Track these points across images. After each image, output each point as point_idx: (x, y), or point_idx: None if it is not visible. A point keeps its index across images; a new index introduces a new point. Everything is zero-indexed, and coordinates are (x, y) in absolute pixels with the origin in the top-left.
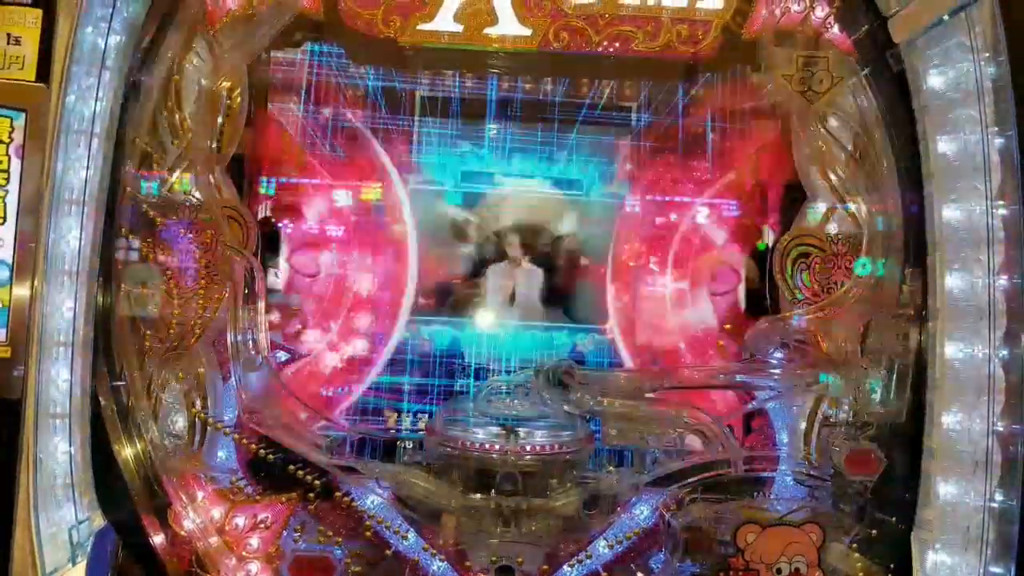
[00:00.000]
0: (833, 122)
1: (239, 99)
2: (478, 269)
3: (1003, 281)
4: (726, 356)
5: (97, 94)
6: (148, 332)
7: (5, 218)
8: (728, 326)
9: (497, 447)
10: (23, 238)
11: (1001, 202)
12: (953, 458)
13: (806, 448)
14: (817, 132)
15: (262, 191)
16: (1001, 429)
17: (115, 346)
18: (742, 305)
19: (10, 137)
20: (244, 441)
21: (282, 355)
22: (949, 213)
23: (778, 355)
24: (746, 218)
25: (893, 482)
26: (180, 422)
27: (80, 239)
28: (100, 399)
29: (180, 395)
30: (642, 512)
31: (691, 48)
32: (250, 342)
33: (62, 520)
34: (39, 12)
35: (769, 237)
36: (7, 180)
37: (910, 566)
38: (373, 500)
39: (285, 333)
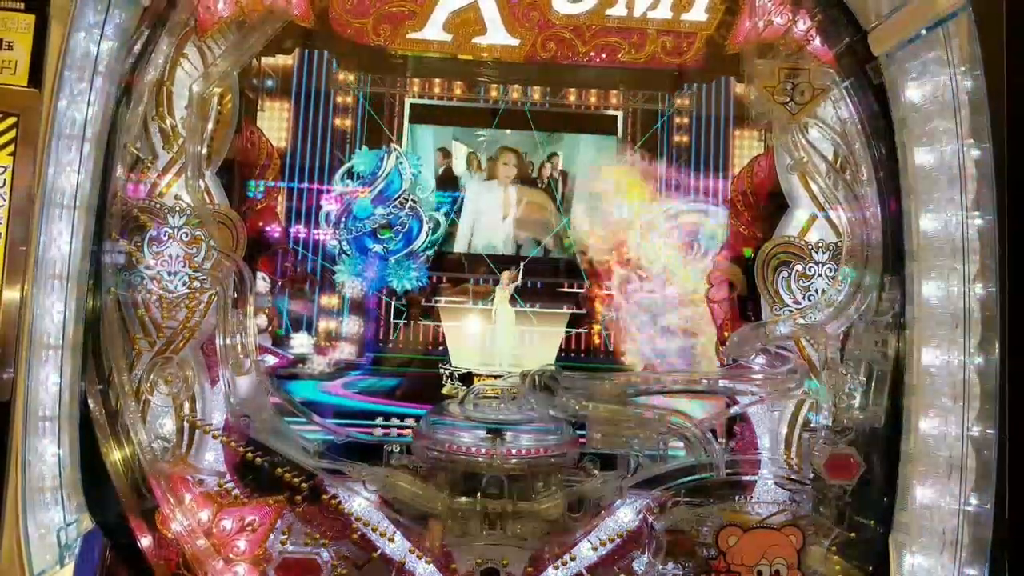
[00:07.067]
0: (814, 133)
1: (229, 105)
2: None
3: (978, 290)
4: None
5: (89, 99)
6: (137, 336)
7: None
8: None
9: (483, 450)
10: (13, 241)
11: (977, 212)
12: (930, 463)
13: (787, 452)
14: (798, 142)
15: (250, 195)
16: (976, 434)
17: (104, 349)
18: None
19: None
20: (232, 444)
21: (270, 358)
22: (926, 223)
23: (760, 361)
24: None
25: (871, 486)
26: (168, 425)
27: (70, 243)
28: (89, 402)
29: (169, 398)
30: (626, 515)
31: (676, 59)
32: (239, 346)
33: (50, 522)
34: (31, 17)
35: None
36: None
37: (888, 568)
38: (360, 503)
39: None
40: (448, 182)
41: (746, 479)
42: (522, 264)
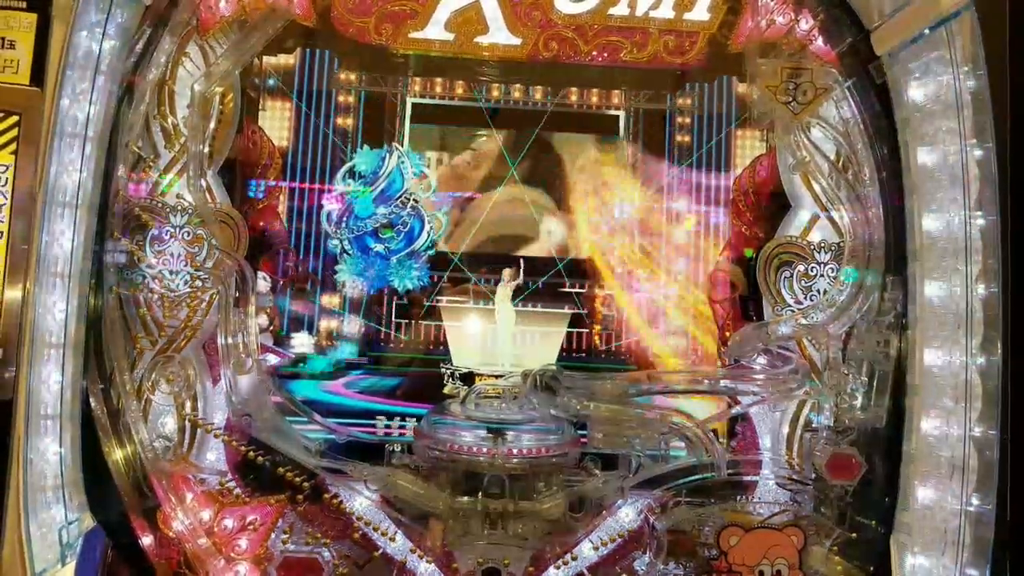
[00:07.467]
0: (816, 132)
1: (231, 104)
2: None
3: (981, 290)
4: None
5: (91, 98)
6: (139, 334)
7: None
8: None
9: (485, 450)
10: (15, 240)
11: (979, 212)
12: (931, 463)
13: (788, 453)
14: (801, 142)
15: (251, 194)
16: (977, 434)
17: (106, 348)
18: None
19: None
20: (234, 443)
21: (272, 357)
22: (929, 223)
23: (761, 361)
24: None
25: (873, 486)
26: (170, 424)
27: (72, 241)
28: (91, 400)
29: (170, 397)
30: (627, 515)
31: (678, 59)
32: (240, 345)
33: (52, 520)
34: (34, 16)
35: None
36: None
37: (889, 569)
38: (361, 502)
39: None
40: None
41: (747, 479)
42: (522, 263)
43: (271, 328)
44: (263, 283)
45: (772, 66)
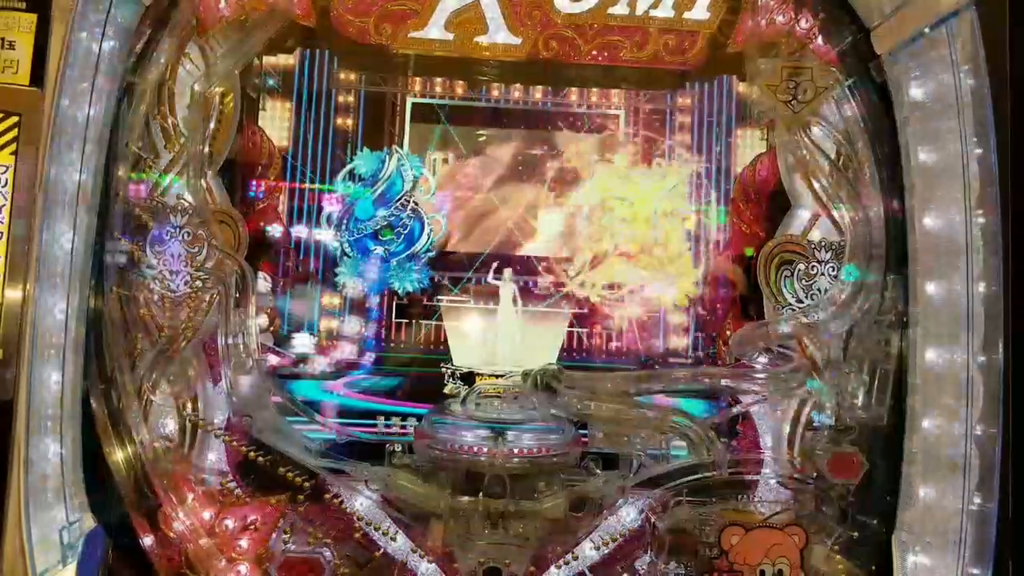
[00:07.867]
0: (817, 131)
1: (231, 104)
2: None
3: (981, 288)
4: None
5: (91, 98)
6: (139, 335)
7: None
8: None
9: (485, 450)
10: (15, 240)
11: (980, 211)
12: (933, 462)
13: (790, 451)
14: (801, 141)
15: (251, 195)
16: (979, 433)
17: (106, 349)
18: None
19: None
20: (234, 443)
21: (272, 358)
22: (930, 222)
23: (762, 360)
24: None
25: (874, 485)
26: (171, 424)
27: (72, 242)
28: (91, 401)
29: (171, 397)
30: (628, 514)
31: (678, 58)
32: (241, 345)
33: (53, 521)
34: (33, 17)
35: None
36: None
37: (891, 568)
38: (362, 502)
39: None
40: None
41: (749, 478)
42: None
43: (271, 328)
44: (263, 283)
45: (772, 65)
